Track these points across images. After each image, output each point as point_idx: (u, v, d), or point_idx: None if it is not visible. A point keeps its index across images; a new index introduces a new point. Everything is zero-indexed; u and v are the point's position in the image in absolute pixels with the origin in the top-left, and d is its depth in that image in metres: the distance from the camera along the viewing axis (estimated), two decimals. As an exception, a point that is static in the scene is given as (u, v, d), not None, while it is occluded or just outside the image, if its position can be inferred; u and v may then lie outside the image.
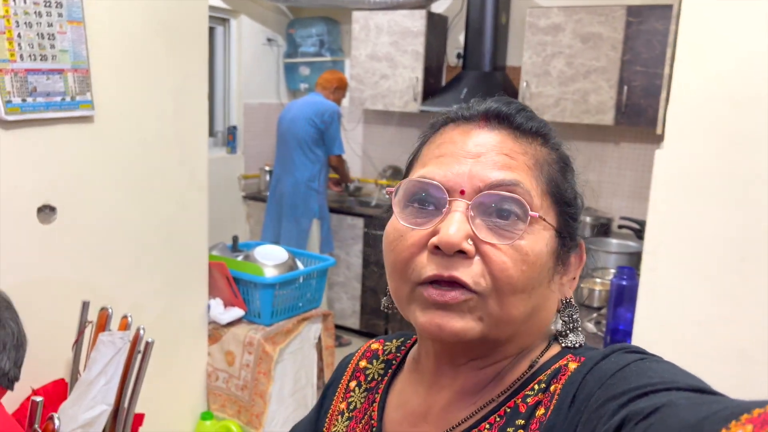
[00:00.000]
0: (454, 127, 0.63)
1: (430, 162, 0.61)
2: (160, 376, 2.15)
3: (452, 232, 0.55)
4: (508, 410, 0.60)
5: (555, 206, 0.61)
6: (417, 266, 0.58)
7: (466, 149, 0.59)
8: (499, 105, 0.62)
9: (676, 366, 0.53)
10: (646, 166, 3.83)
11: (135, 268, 2.15)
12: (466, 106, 0.65)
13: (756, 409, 0.37)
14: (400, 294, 0.61)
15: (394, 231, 0.60)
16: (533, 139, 0.62)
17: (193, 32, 2.25)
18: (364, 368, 0.77)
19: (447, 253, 0.56)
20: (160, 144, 2.18)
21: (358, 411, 0.73)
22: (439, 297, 0.56)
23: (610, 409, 0.48)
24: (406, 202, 0.60)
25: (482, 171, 0.57)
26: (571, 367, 0.59)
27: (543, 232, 0.58)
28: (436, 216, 0.58)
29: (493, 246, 0.56)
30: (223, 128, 4.70)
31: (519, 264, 0.56)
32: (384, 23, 4.20)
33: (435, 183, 0.58)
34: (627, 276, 1.91)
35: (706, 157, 1.48)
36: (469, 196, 0.57)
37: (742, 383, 1.49)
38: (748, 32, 1.39)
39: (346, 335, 4.42)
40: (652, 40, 3.41)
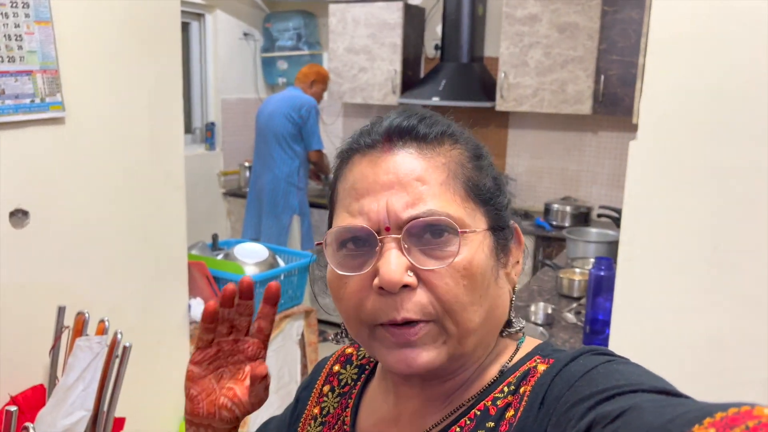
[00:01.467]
0: (361, 158, 0.62)
1: (351, 205, 0.60)
2: (141, 379, 2.13)
3: (393, 270, 0.55)
4: (478, 413, 0.60)
5: (479, 207, 0.61)
6: (368, 309, 0.58)
7: (378, 182, 0.59)
8: (400, 120, 0.61)
9: (642, 368, 0.53)
10: (624, 154, 3.85)
11: (112, 271, 2.12)
12: (367, 130, 0.64)
13: (718, 412, 0.38)
14: (361, 335, 0.61)
15: (336, 279, 0.61)
16: (441, 145, 0.61)
17: (165, 29, 2.22)
18: (337, 373, 0.77)
19: (391, 292, 0.56)
20: (135, 143, 2.15)
21: (331, 416, 0.73)
22: (403, 337, 0.57)
23: (578, 411, 0.49)
24: (339, 247, 0.60)
25: (397, 205, 0.57)
26: (540, 368, 0.59)
27: (476, 238, 0.59)
28: (371, 256, 0.58)
29: (432, 271, 0.57)
30: (201, 125, 4.65)
31: (460, 281, 0.57)
32: (361, 16, 4.18)
33: (361, 227, 0.58)
34: (605, 266, 1.92)
35: (680, 148, 1.49)
36: (395, 231, 0.57)
37: (717, 371, 1.51)
38: (721, 23, 1.40)
39: (329, 330, 4.41)
40: (627, 29, 3.43)
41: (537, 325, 2.10)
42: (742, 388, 1.50)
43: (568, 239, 3.04)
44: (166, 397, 2.52)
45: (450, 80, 3.96)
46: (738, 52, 1.39)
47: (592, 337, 1.95)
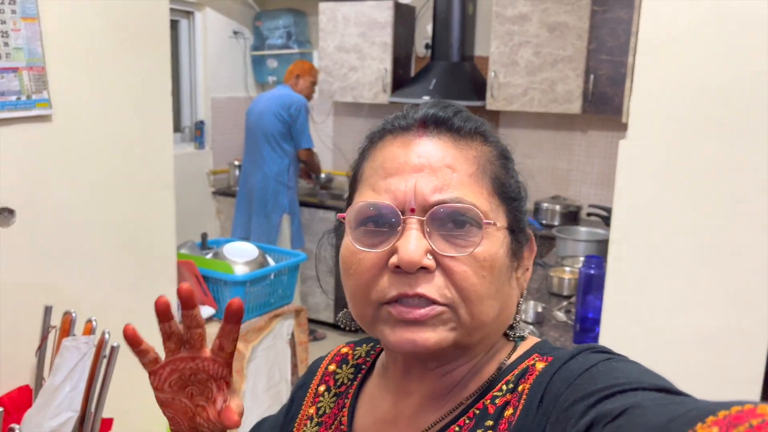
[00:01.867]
0: (392, 140, 0.62)
1: (377, 183, 0.60)
2: (129, 379, 2.12)
3: (412, 250, 0.55)
4: (477, 412, 0.60)
5: (503, 205, 0.61)
6: (379, 287, 0.58)
7: (409, 163, 0.59)
8: (436, 110, 0.62)
9: (641, 365, 0.53)
10: (613, 153, 3.87)
11: (99, 270, 2.10)
12: (402, 114, 0.64)
13: (721, 411, 0.38)
14: (364, 316, 0.61)
15: (350, 255, 0.60)
16: (473, 140, 0.62)
17: (154, 26, 2.20)
18: (333, 372, 0.77)
19: (409, 272, 0.56)
20: (123, 142, 2.13)
21: (328, 416, 0.72)
22: (408, 314, 0.56)
23: (578, 410, 0.48)
24: (358, 224, 0.60)
25: (426, 188, 0.57)
26: (538, 366, 0.59)
27: (497, 234, 0.59)
28: (391, 235, 0.58)
29: (452, 258, 0.56)
30: (191, 123, 4.63)
31: (480, 271, 0.57)
32: (351, 14, 4.17)
33: (386, 204, 0.58)
34: (595, 265, 1.93)
35: (669, 147, 1.50)
36: (420, 213, 0.57)
37: (706, 369, 1.52)
38: (710, 23, 1.40)
39: (320, 329, 4.40)
40: (616, 29, 3.44)
41: (527, 324, 2.10)
42: (731, 385, 1.51)
43: (557, 238, 3.05)
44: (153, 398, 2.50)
45: (441, 79, 3.96)
46: (726, 52, 1.40)
47: (583, 335, 1.95)
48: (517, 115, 4.09)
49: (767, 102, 1.37)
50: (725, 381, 1.52)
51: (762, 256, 1.44)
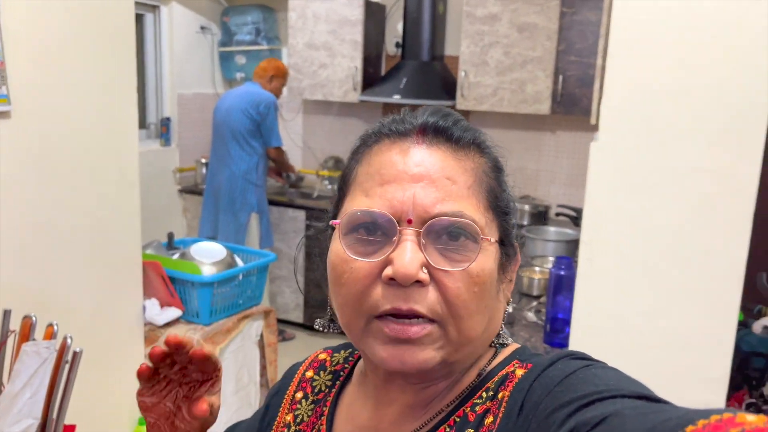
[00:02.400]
0: (390, 145, 0.60)
1: (372, 189, 0.58)
2: (93, 384, 2.06)
3: (407, 263, 0.54)
4: (458, 420, 0.59)
5: (496, 219, 0.61)
6: (371, 299, 0.56)
7: (408, 172, 0.57)
8: (436, 118, 0.61)
9: (620, 372, 0.53)
10: (581, 154, 3.92)
11: (61, 272, 2.04)
12: (400, 118, 0.62)
13: (700, 420, 0.38)
14: (353, 326, 0.59)
15: (342, 262, 0.58)
16: (470, 150, 0.61)
17: (118, 20, 2.14)
18: (310, 379, 0.75)
19: (403, 285, 0.54)
20: (86, 139, 2.07)
21: (306, 424, 0.71)
22: (401, 333, 0.55)
23: (558, 418, 0.48)
24: (350, 230, 0.58)
25: (426, 200, 0.56)
26: (518, 373, 0.59)
27: (490, 249, 0.59)
28: (385, 245, 0.56)
29: (446, 272, 0.56)
30: (156, 120, 4.53)
31: (471, 287, 0.56)
32: (321, 11, 4.13)
33: (383, 213, 0.56)
34: (565, 266, 1.94)
35: (639, 149, 1.51)
36: (417, 225, 0.56)
37: (675, 370, 1.54)
38: (679, 26, 1.42)
39: (289, 329, 4.36)
40: (585, 31, 3.48)
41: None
42: (698, 384, 1.53)
43: (526, 238, 3.07)
44: (119, 402, 2.45)
45: (411, 78, 3.95)
46: (697, 54, 1.41)
47: (553, 335, 1.97)
48: (487, 115, 4.11)
49: (736, 105, 1.39)
50: (692, 380, 1.54)
51: (729, 258, 1.47)
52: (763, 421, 0.35)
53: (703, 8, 1.39)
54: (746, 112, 1.39)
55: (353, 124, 4.65)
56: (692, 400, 1.53)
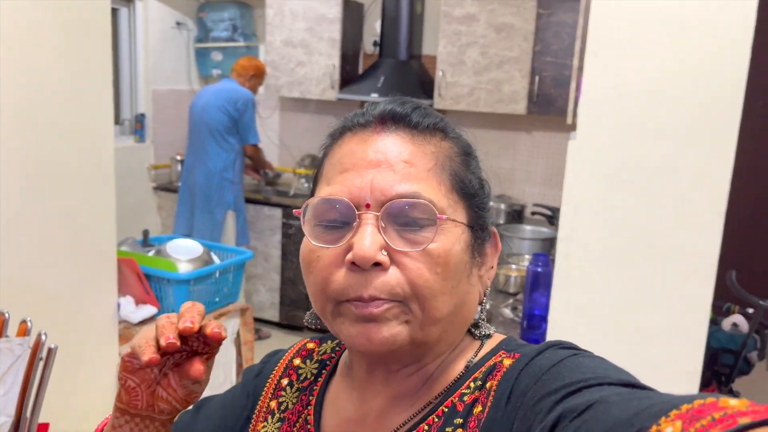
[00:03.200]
0: (351, 136, 0.62)
1: (333, 178, 0.60)
2: (67, 381, 2.03)
3: (366, 246, 0.55)
4: (446, 410, 0.60)
5: (462, 201, 0.61)
6: (336, 284, 0.58)
7: (366, 159, 0.59)
8: (394, 106, 0.62)
9: (607, 361, 0.54)
10: (557, 153, 3.97)
11: (36, 268, 2.00)
12: (362, 112, 0.64)
13: (684, 404, 0.38)
14: (325, 311, 0.60)
15: (309, 252, 0.60)
16: (432, 136, 0.62)
17: (93, 13, 2.11)
18: (297, 367, 0.75)
19: (363, 268, 0.56)
20: (60, 134, 2.03)
21: (291, 413, 0.70)
22: (364, 309, 0.56)
23: (546, 405, 0.49)
24: (317, 222, 0.60)
25: (383, 182, 0.58)
26: (505, 363, 0.59)
27: (454, 230, 0.59)
28: (347, 231, 0.58)
29: (406, 254, 0.57)
30: (131, 116, 4.47)
31: (434, 267, 0.57)
32: (299, 9, 4.12)
33: (341, 200, 0.58)
34: (542, 263, 1.97)
35: (616, 148, 1.54)
36: (375, 208, 0.57)
37: (649, 364, 1.57)
38: (656, 27, 1.45)
39: (265, 328, 4.34)
40: (561, 32, 3.52)
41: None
42: (671, 380, 1.57)
43: (503, 236, 3.10)
44: (94, 399, 2.41)
45: (389, 77, 3.96)
46: (673, 55, 1.44)
47: (530, 332, 1.99)
48: (463, 115, 4.14)
49: (710, 105, 1.43)
50: (667, 374, 1.58)
51: (702, 255, 1.50)
52: (745, 405, 0.36)
53: (680, 11, 1.42)
54: (720, 113, 1.43)
55: (331, 122, 4.57)
56: (665, 394, 1.56)
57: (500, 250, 0.67)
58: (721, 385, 2.83)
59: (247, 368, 0.79)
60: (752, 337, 2.70)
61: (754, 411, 0.35)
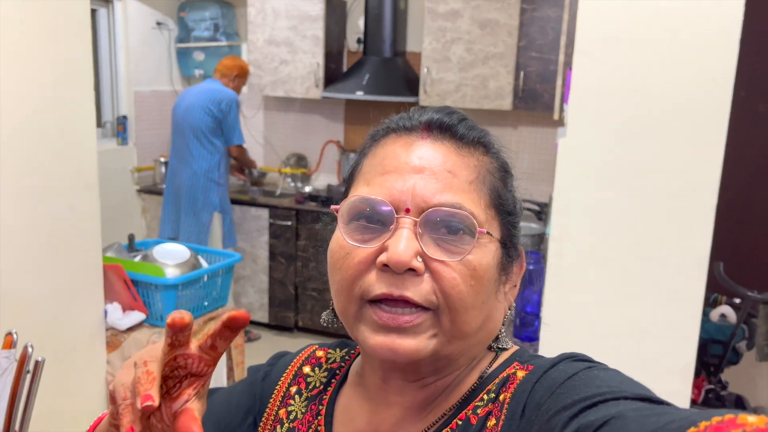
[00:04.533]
0: (395, 139, 0.62)
1: (374, 179, 0.59)
2: (54, 391, 1.99)
3: (401, 250, 0.54)
4: (460, 422, 0.59)
5: (498, 217, 0.61)
6: (365, 284, 0.57)
7: (409, 164, 0.58)
8: (441, 116, 0.62)
9: (622, 374, 0.53)
10: (543, 149, 3.97)
11: (19, 278, 1.96)
12: (407, 115, 0.64)
13: (702, 421, 0.38)
14: (347, 312, 0.59)
15: (339, 248, 0.59)
16: (475, 149, 0.62)
17: (73, 14, 2.06)
18: (306, 375, 0.73)
19: (396, 272, 0.55)
20: (41, 138, 1.99)
21: (300, 423, 0.69)
22: (392, 321, 0.55)
23: (561, 420, 0.48)
24: (351, 219, 0.59)
25: (425, 189, 0.57)
26: (519, 375, 0.59)
27: (489, 245, 0.59)
28: (383, 233, 0.57)
29: (442, 263, 0.56)
30: (112, 118, 4.41)
31: (468, 279, 0.56)
32: (281, 7, 4.08)
33: (381, 201, 0.57)
34: (533, 261, 1.96)
35: (605, 146, 1.53)
36: (414, 214, 0.56)
37: (641, 360, 1.57)
38: (645, 24, 1.44)
39: (254, 330, 4.31)
40: (545, 27, 3.52)
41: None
42: (664, 376, 1.57)
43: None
44: (82, 407, 2.38)
45: (373, 75, 3.94)
46: (662, 52, 1.44)
47: (522, 329, 1.99)
48: (449, 111, 4.14)
49: (701, 102, 1.43)
50: (657, 372, 1.58)
51: (693, 251, 1.50)
52: (764, 422, 0.35)
53: (668, 8, 1.42)
54: (709, 108, 1.43)
55: (315, 121, 4.61)
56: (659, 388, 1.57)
57: (524, 269, 0.67)
58: (710, 376, 2.85)
59: (252, 367, 0.77)
60: (741, 328, 2.72)
61: None
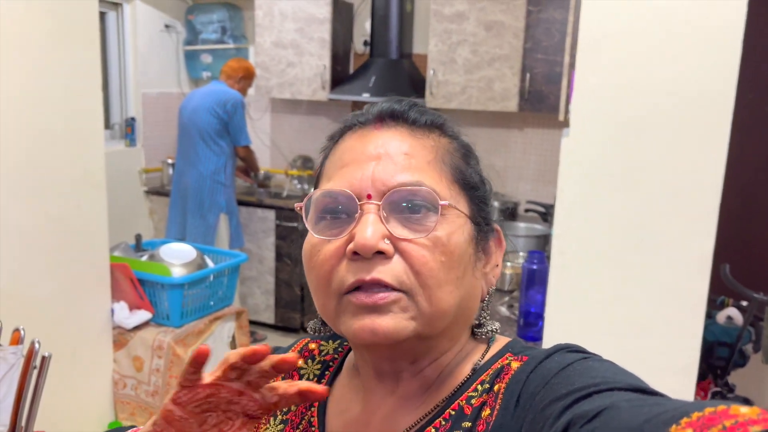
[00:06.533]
0: (351, 134, 0.63)
1: (334, 174, 0.61)
2: (61, 389, 2.01)
3: (368, 235, 0.55)
4: (453, 413, 0.59)
5: (464, 193, 0.62)
6: (338, 277, 0.57)
7: (366, 153, 0.60)
8: (391, 104, 0.63)
9: (617, 365, 0.54)
10: (549, 150, 3.97)
11: (27, 276, 1.98)
12: (361, 112, 0.65)
13: (695, 412, 0.38)
14: (327, 309, 0.59)
15: (310, 247, 0.60)
16: (430, 132, 0.63)
17: (82, 17, 2.09)
18: (299, 368, 0.73)
19: (366, 257, 0.55)
20: (50, 140, 2.02)
21: (293, 414, 0.69)
22: (367, 298, 0.55)
23: (555, 410, 0.48)
24: (319, 217, 0.60)
25: (384, 173, 0.58)
26: (513, 366, 0.59)
27: (457, 220, 0.59)
28: (349, 223, 0.57)
29: (410, 241, 0.56)
30: (121, 120, 4.44)
31: (438, 255, 0.56)
32: (288, 10, 4.10)
33: (342, 191, 0.58)
34: (537, 260, 1.96)
35: (608, 145, 1.54)
36: (377, 198, 0.57)
37: (643, 359, 1.57)
38: (647, 23, 1.45)
39: (260, 331, 4.32)
40: (551, 29, 3.53)
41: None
42: (667, 375, 1.57)
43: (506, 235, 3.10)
44: (88, 406, 2.40)
45: (380, 76, 3.95)
46: (665, 51, 1.44)
47: (526, 329, 1.99)
48: (455, 113, 4.14)
49: (704, 101, 1.43)
50: (663, 368, 1.58)
51: (697, 250, 1.50)
52: (756, 413, 0.36)
53: (671, 7, 1.42)
54: (712, 107, 1.43)
55: (322, 123, 4.63)
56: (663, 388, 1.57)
57: (505, 248, 0.67)
58: (716, 379, 2.83)
59: None
60: (747, 330, 2.71)
61: (765, 419, 0.35)
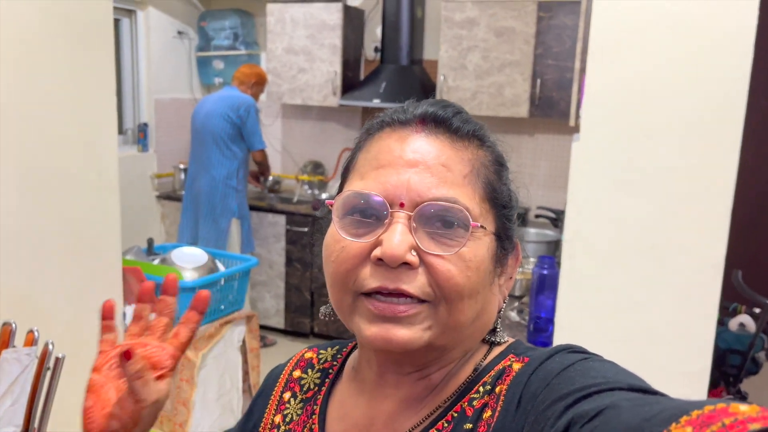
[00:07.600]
0: (390, 133, 0.62)
1: (368, 173, 0.60)
2: (72, 391, 2.03)
3: (396, 245, 0.55)
4: (455, 415, 0.59)
5: (493, 210, 0.61)
6: (359, 278, 0.57)
7: (403, 157, 0.59)
8: (436, 109, 0.62)
9: (617, 365, 0.54)
10: (560, 156, 3.97)
11: (41, 278, 2.01)
12: (402, 109, 0.64)
13: (695, 410, 0.38)
14: (342, 305, 0.60)
15: (334, 242, 0.59)
16: (470, 143, 0.62)
17: (96, 23, 2.12)
18: (298, 378, 0.74)
19: (391, 266, 0.55)
20: (64, 143, 2.04)
21: (296, 424, 0.70)
22: (388, 310, 0.56)
23: (556, 410, 0.48)
24: (346, 213, 0.59)
25: (420, 184, 0.57)
26: (515, 367, 0.59)
27: (484, 238, 0.59)
28: (377, 227, 0.57)
29: (437, 256, 0.56)
30: (133, 125, 4.49)
31: (464, 271, 0.56)
32: (300, 16, 4.13)
33: (375, 195, 0.57)
34: (547, 265, 1.96)
35: (619, 149, 1.54)
36: (409, 208, 0.57)
37: (654, 364, 1.56)
38: (657, 28, 1.45)
39: (270, 335, 4.33)
40: (562, 35, 3.53)
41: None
42: (679, 381, 1.56)
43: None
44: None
45: (390, 82, 3.97)
46: (675, 56, 1.44)
47: (537, 334, 1.98)
48: (465, 119, 4.15)
49: (715, 104, 1.42)
50: (675, 374, 1.57)
51: (707, 255, 1.50)
52: (755, 411, 0.36)
53: (681, 10, 1.42)
54: (723, 112, 1.43)
55: (333, 129, 4.65)
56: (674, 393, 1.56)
57: (520, 261, 0.67)
58: (729, 386, 2.81)
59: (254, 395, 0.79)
60: (760, 337, 2.69)
61: (765, 417, 0.35)
